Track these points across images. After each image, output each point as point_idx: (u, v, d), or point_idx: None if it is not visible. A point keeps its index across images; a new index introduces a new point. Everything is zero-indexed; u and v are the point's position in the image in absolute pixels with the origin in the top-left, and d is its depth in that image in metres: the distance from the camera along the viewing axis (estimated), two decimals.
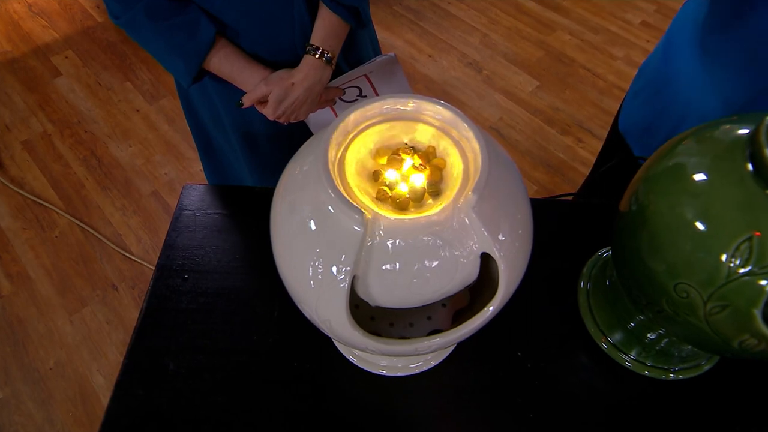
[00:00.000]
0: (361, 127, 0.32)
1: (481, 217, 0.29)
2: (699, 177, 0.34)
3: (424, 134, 0.32)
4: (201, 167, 1.65)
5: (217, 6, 0.62)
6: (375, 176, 0.31)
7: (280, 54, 0.68)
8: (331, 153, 0.29)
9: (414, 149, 0.32)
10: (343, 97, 0.77)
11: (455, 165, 0.31)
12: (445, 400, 0.48)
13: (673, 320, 0.36)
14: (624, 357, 0.49)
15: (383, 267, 0.29)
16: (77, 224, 1.47)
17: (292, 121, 0.73)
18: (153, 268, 1.39)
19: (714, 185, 0.33)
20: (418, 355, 0.34)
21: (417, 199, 0.30)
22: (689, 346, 0.47)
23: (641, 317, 0.46)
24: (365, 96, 0.79)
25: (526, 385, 0.49)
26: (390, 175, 0.31)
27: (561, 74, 1.85)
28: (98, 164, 1.61)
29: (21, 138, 1.65)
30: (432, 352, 0.34)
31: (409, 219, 0.28)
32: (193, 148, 1.66)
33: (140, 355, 0.50)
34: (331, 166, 0.28)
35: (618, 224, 0.42)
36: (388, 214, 0.29)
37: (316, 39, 0.65)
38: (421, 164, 0.31)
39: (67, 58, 1.88)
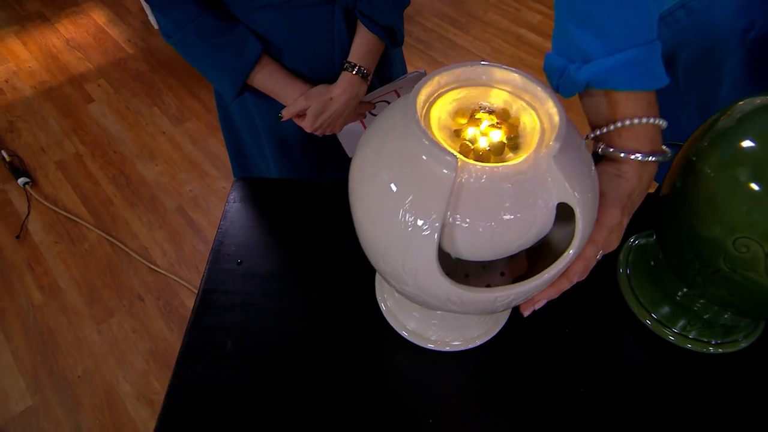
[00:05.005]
0: (438, 92, 0.33)
1: (560, 166, 0.29)
2: (749, 141, 0.35)
3: (497, 98, 0.33)
4: (223, 184, 1.68)
5: (265, 27, 0.64)
6: (456, 134, 0.32)
7: (320, 71, 0.69)
8: (418, 110, 0.30)
9: (490, 111, 0.32)
10: (373, 111, 0.79)
11: (530, 123, 0.32)
12: (494, 374, 0.47)
13: (729, 279, 0.36)
14: (667, 331, 0.49)
15: (468, 216, 0.29)
16: (106, 238, 1.47)
17: (327, 134, 0.74)
18: (178, 279, 1.38)
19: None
20: (493, 311, 0.34)
21: (497, 152, 0.30)
22: (730, 314, 0.46)
23: (686, 290, 0.46)
24: None
25: (575, 359, 0.48)
26: (470, 132, 0.31)
27: (562, 99, 1.89)
28: (126, 182, 1.62)
29: (55, 158, 1.67)
30: (508, 306, 0.34)
31: (493, 167, 0.29)
32: (215, 167, 1.68)
33: (198, 334, 0.49)
34: (421, 120, 0.29)
35: (664, 202, 0.43)
36: (473, 163, 0.29)
37: (354, 56, 0.67)
38: (498, 122, 0.32)
39: (99, 86, 1.92)
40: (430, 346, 0.48)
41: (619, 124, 0.35)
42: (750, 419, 0.45)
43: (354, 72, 0.66)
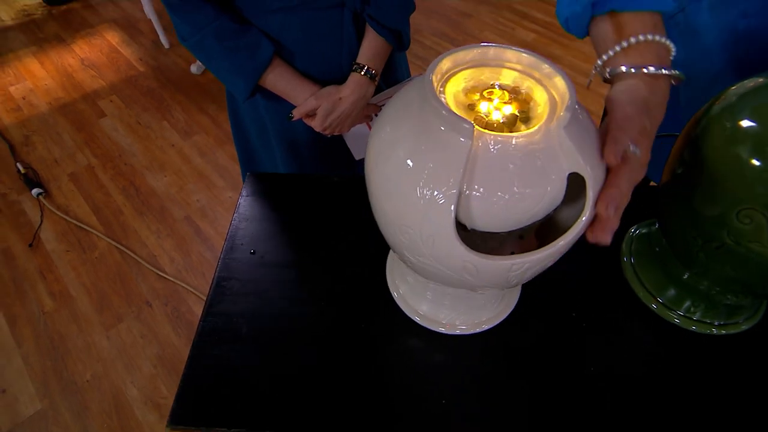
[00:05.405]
0: (450, 73, 0.34)
1: (571, 136, 0.30)
2: (747, 120, 0.36)
3: (508, 77, 0.34)
4: (230, 194, 1.69)
5: (276, 30, 0.66)
6: (470, 108, 0.32)
7: (329, 73, 0.71)
8: (434, 85, 0.31)
9: (501, 88, 0.33)
10: (379, 113, 0.80)
11: (540, 99, 0.33)
12: (504, 357, 0.47)
13: (733, 253, 0.37)
14: (672, 314, 0.49)
15: (482, 186, 0.30)
16: (115, 246, 1.47)
17: (335, 134, 0.75)
18: (185, 286, 1.38)
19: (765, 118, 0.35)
20: (507, 282, 0.34)
21: (510, 125, 0.31)
22: (730, 295, 0.46)
23: (689, 273, 0.46)
24: None
25: (582, 343, 0.48)
26: (483, 106, 0.32)
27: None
28: (136, 193, 1.63)
29: (68, 171, 1.68)
30: (521, 278, 0.34)
31: (507, 136, 0.30)
32: (223, 178, 1.69)
33: (214, 319, 0.49)
34: (438, 94, 0.30)
35: (666, 189, 0.43)
36: (488, 132, 0.30)
37: (362, 58, 0.68)
38: (509, 98, 0.32)
39: (111, 102, 1.95)
40: (441, 329, 0.48)
41: (624, 44, 0.34)
42: (749, 399, 0.45)
43: (363, 73, 0.67)
